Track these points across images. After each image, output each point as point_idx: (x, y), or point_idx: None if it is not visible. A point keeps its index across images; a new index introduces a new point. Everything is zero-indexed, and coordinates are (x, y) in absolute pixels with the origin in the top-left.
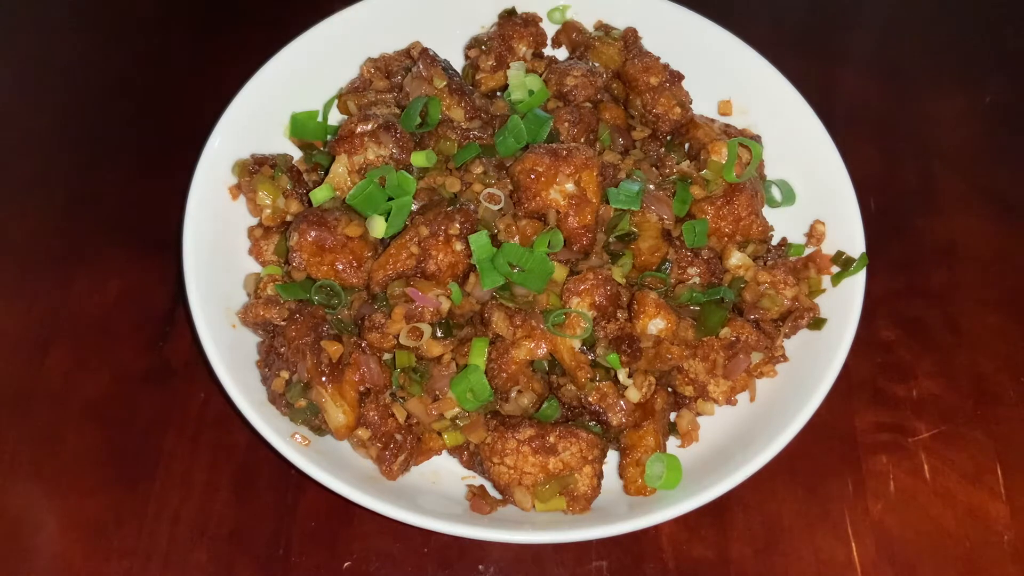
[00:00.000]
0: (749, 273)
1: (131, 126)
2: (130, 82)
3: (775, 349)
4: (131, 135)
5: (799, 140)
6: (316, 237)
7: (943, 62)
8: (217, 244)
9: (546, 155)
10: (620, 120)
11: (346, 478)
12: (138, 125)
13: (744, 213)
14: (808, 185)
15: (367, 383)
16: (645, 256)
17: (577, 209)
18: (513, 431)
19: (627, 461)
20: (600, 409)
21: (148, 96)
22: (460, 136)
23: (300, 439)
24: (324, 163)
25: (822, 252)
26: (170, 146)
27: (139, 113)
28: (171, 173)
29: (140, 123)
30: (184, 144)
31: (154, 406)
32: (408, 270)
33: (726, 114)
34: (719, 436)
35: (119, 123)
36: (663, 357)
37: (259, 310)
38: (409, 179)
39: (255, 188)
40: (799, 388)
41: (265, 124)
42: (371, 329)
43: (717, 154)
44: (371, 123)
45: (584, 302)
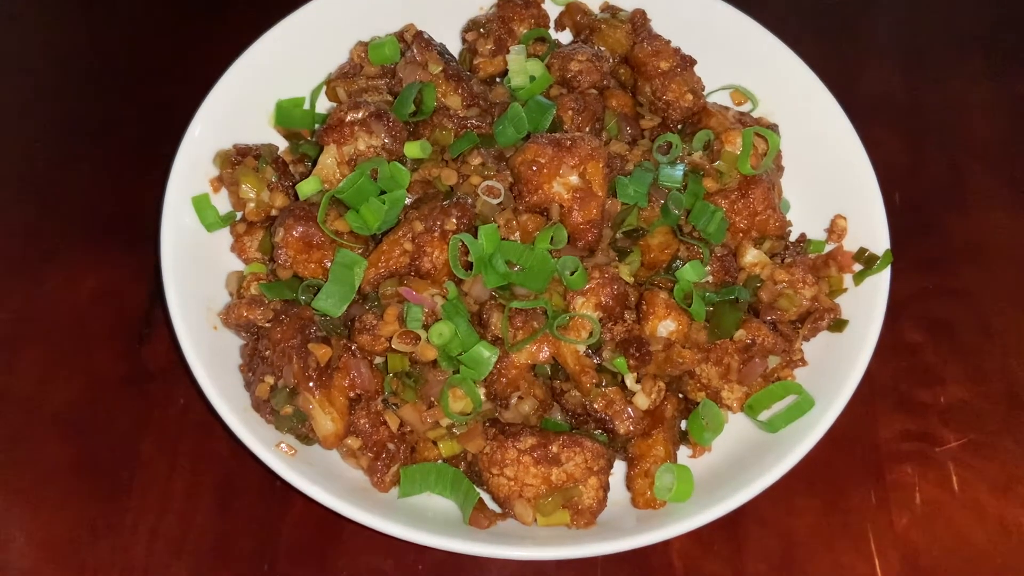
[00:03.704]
0: (765, 271)
1: (107, 114)
2: (106, 67)
3: (793, 352)
4: (107, 124)
5: (819, 130)
6: (303, 233)
7: (971, 48)
8: (197, 240)
9: (548, 145)
10: (628, 108)
11: (335, 490)
12: (114, 113)
13: (760, 207)
14: (829, 177)
15: (357, 389)
16: (654, 253)
17: (582, 203)
18: (513, 440)
19: (635, 472)
20: (606, 417)
21: (125, 82)
22: (457, 125)
23: (286, 448)
24: (311, 154)
25: (843, 249)
26: (148, 136)
27: (115, 101)
28: (149, 165)
29: (117, 111)
30: (163, 134)
31: (131, 413)
32: (401, 268)
33: (741, 102)
34: (733, 445)
35: (94, 111)
36: (674, 361)
37: (242, 311)
38: (402, 171)
39: (238, 180)
40: (819, 394)
41: (248, 112)
42: (362, 331)
43: (731, 144)
44: (362, 111)
45: (589, 303)
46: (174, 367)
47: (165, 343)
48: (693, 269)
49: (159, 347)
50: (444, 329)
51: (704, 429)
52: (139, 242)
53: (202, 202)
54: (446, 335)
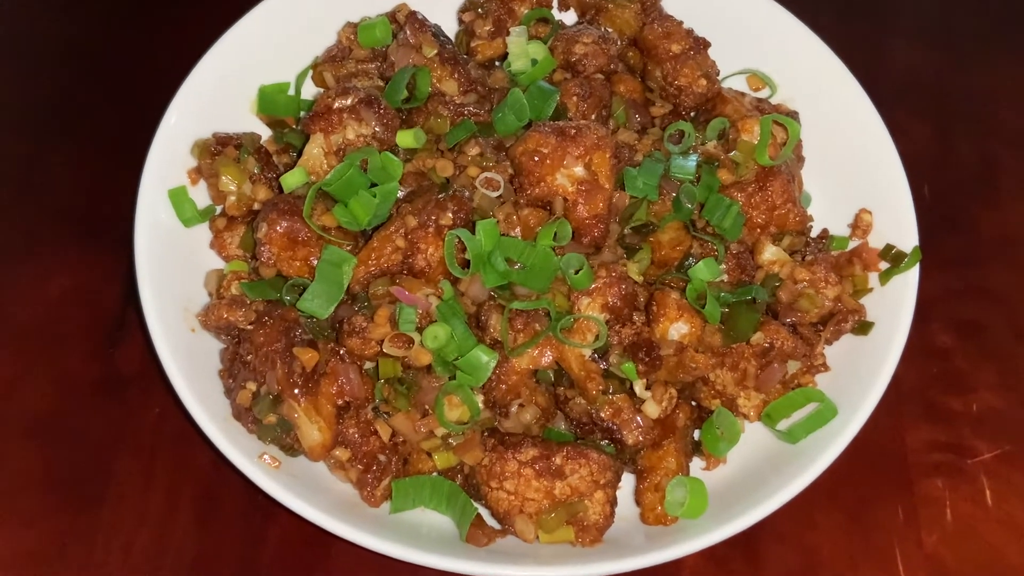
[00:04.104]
0: (785, 270)
1: (76, 102)
2: (74, 51)
3: (814, 357)
4: (78, 111)
5: (842, 117)
6: (287, 228)
7: (1006, 29)
8: (174, 237)
9: (552, 134)
10: (637, 94)
11: (322, 504)
12: (84, 101)
13: (779, 201)
14: (853, 169)
15: (346, 396)
16: (665, 250)
17: (587, 196)
18: (514, 451)
19: (645, 485)
20: (614, 426)
21: (95, 67)
22: (453, 112)
23: (269, 460)
24: (297, 143)
25: (868, 246)
26: (121, 124)
27: (85, 87)
28: (122, 155)
29: (86, 99)
30: (137, 122)
31: (103, 421)
32: (393, 266)
33: (758, 88)
34: (750, 457)
35: (64, 97)
36: (686, 366)
37: (222, 312)
38: (394, 162)
39: (217, 172)
40: (842, 402)
41: (229, 98)
42: (351, 334)
43: (748, 133)
44: (351, 97)
45: (595, 304)
46: (149, 372)
47: (140, 347)
48: (707, 267)
49: (133, 351)
50: (439, 332)
51: (719, 439)
52: (112, 239)
53: (179, 195)
54: (441, 338)
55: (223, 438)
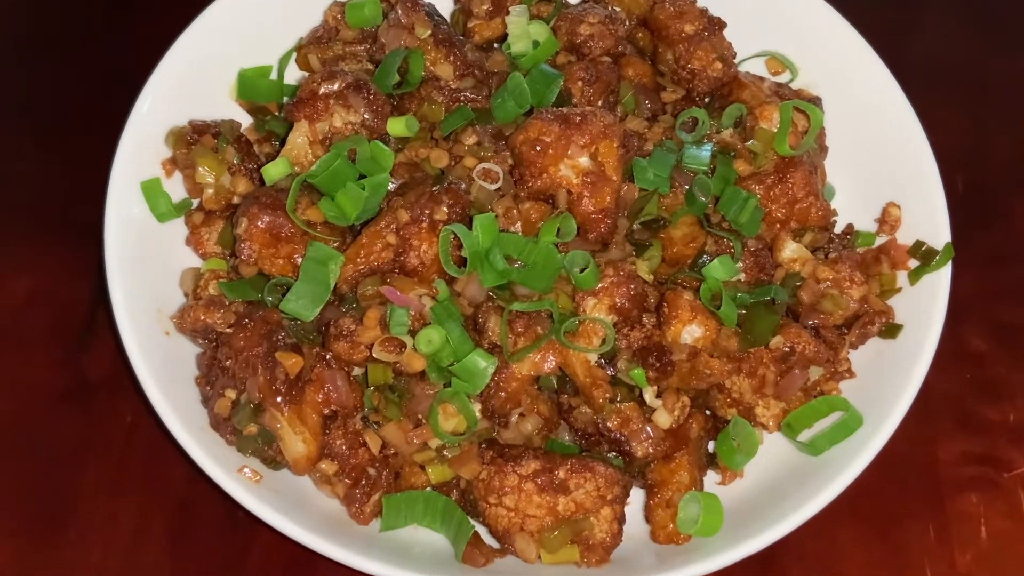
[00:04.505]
0: (807, 268)
1: (40, 86)
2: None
3: (839, 362)
4: (40, 98)
5: (869, 104)
6: (269, 223)
7: None
8: (147, 232)
9: (555, 122)
10: (646, 78)
11: (306, 522)
12: (49, 85)
13: (800, 194)
14: (880, 159)
15: (333, 405)
16: (678, 247)
17: (593, 189)
18: (514, 464)
19: (655, 501)
20: (622, 437)
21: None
22: (448, 98)
23: (250, 474)
24: (279, 132)
25: (897, 242)
26: (88, 111)
27: (50, 70)
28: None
29: (52, 83)
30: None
31: (70, 431)
32: (384, 264)
33: (778, 72)
34: (769, 470)
35: (28, 81)
36: (700, 372)
37: (199, 314)
38: (385, 152)
39: (194, 163)
40: (868, 411)
41: (206, 83)
42: (338, 337)
43: (767, 120)
44: (338, 82)
45: (602, 305)
46: (120, 379)
47: (109, 351)
48: (722, 265)
49: (102, 356)
50: (433, 335)
51: (735, 451)
52: (80, 235)
53: (152, 188)
54: (436, 342)
55: (199, 450)
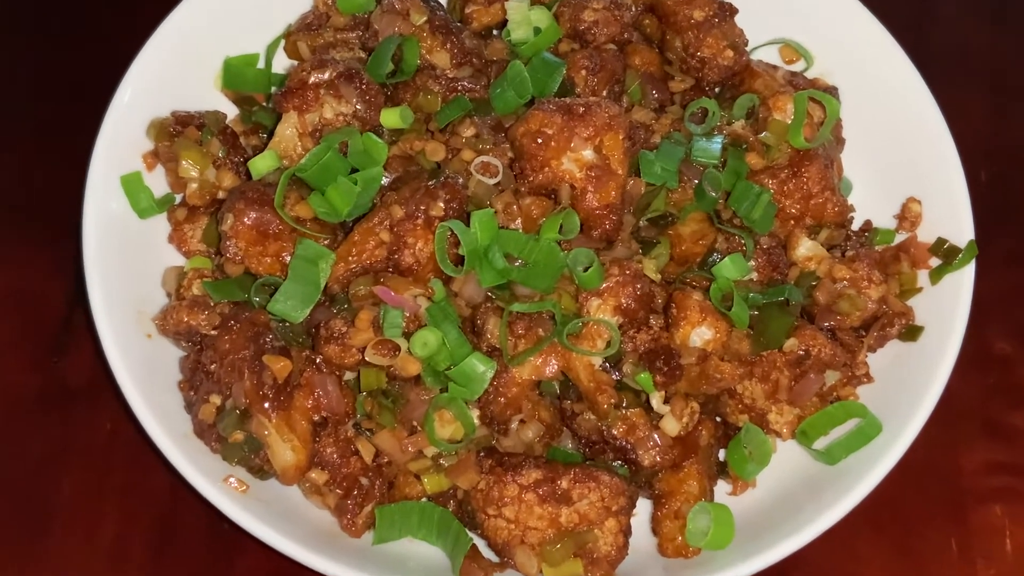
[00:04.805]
0: (822, 267)
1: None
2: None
3: (856, 366)
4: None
5: (887, 93)
6: (256, 220)
7: None
8: (127, 229)
9: (557, 113)
10: (654, 67)
11: (295, 534)
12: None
13: (816, 188)
14: (900, 152)
15: (323, 411)
16: (686, 245)
17: (597, 183)
18: (514, 474)
19: (663, 512)
20: (627, 444)
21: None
22: (445, 88)
23: (235, 484)
24: (267, 123)
25: (917, 240)
26: (66, 101)
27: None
28: (68, 137)
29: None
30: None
31: (47, 440)
32: (377, 263)
33: (792, 60)
34: (782, 479)
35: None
36: (710, 377)
37: (182, 315)
38: (378, 144)
39: (177, 156)
40: (887, 417)
41: (190, 72)
42: (329, 340)
43: (780, 111)
44: (328, 71)
45: (607, 306)
46: (99, 384)
47: (88, 355)
48: (734, 264)
49: (81, 360)
50: (429, 338)
51: (747, 460)
52: (57, 232)
53: (133, 182)
54: (432, 345)
55: (183, 458)
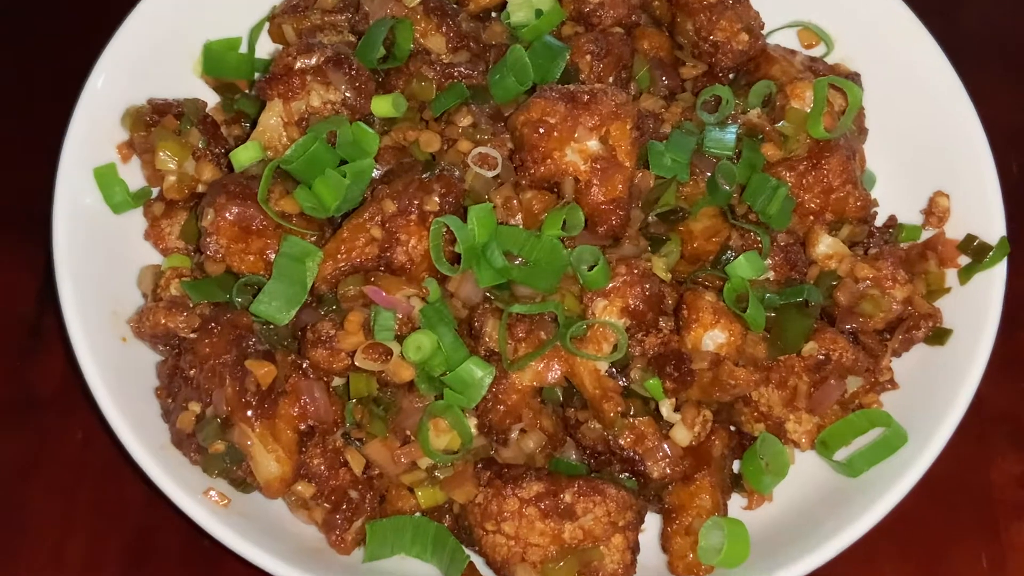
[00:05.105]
0: (844, 266)
1: None
2: None
3: (880, 372)
4: None
5: (913, 80)
6: (239, 215)
7: None
8: (101, 225)
9: (560, 101)
10: (664, 51)
11: (280, 551)
12: None
13: (837, 182)
14: (926, 142)
15: (310, 419)
16: (698, 242)
17: (603, 176)
18: (514, 486)
19: (673, 528)
20: (635, 455)
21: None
22: (440, 74)
23: (216, 497)
24: (250, 112)
25: (945, 236)
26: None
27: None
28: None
29: None
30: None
31: (14, 451)
32: (367, 261)
33: (811, 44)
34: (801, 493)
35: None
36: (723, 383)
37: (159, 317)
38: (369, 134)
39: (154, 147)
40: (913, 427)
41: (168, 57)
42: (316, 344)
43: (799, 99)
44: (316, 56)
45: (613, 307)
46: (70, 391)
47: (59, 359)
48: (749, 263)
49: (50, 365)
50: (423, 341)
51: (763, 472)
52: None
53: (107, 175)
54: (426, 349)
55: (160, 470)
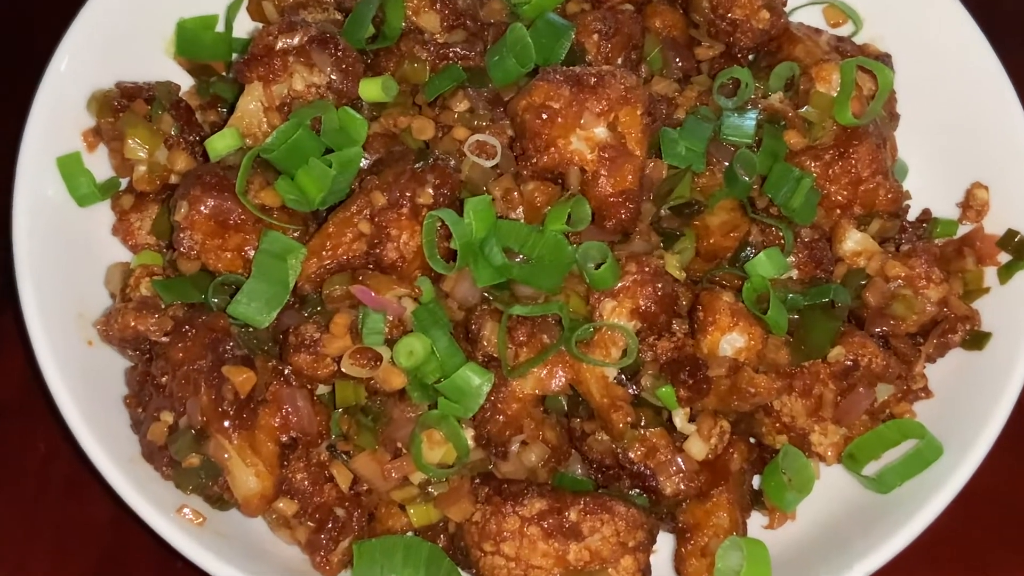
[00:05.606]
0: (873, 263)
1: None
2: None
3: (912, 379)
4: None
5: (949, 61)
6: (215, 208)
7: None
8: (65, 219)
9: (565, 84)
10: (677, 30)
11: (260, 572)
12: None
13: (866, 172)
14: (963, 130)
15: (292, 430)
16: (715, 238)
17: (612, 166)
18: (515, 504)
19: (688, 549)
20: (647, 470)
21: None
22: (434, 55)
23: (190, 515)
24: (227, 96)
25: (984, 232)
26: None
27: None
28: None
29: None
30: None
31: None
32: (355, 259)
33: (838, 23)
34: (826, 511)
35: None
36: (742, 391)
37: (129, 319)
38: (357, 120)
39: (123, 134)
40: (949, 439)
41: (137, 37)
42: (299, 348)
43: (825, 82)
44: (299, 35)
45: (623, 308)
46: (31, 399)
47: (18, 365)
48: (770, 260)
49: (10, 370)
50: (416, 345)
51: (786, 488)
52: None
53: (71, 165)
54: (419, 354)
55: (129, 486)
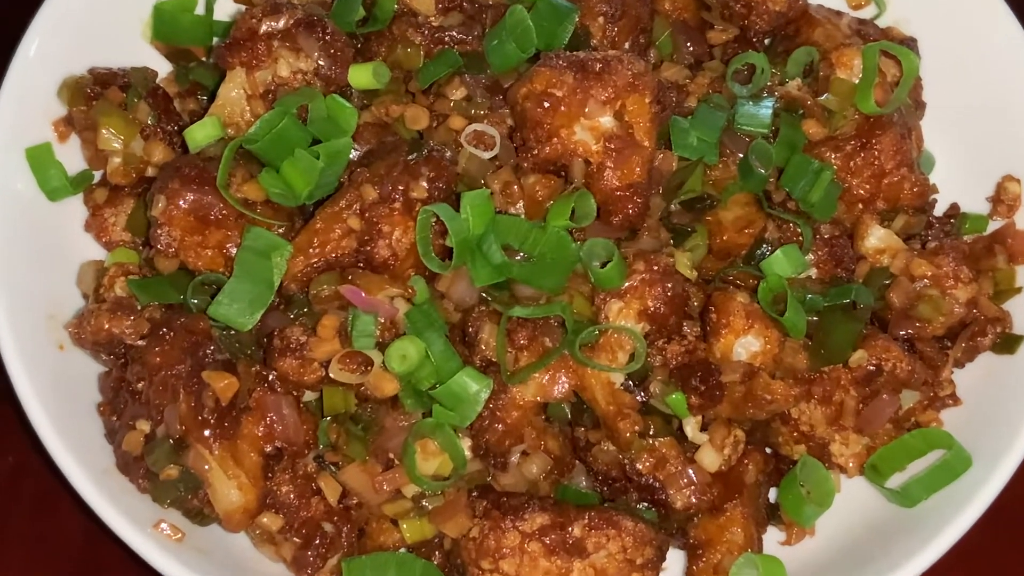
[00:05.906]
0: (898, 262)
1: None
2: None
3: (940, 386)
4: None
5: (977, 46)
6: (195, 203)
7: None
8: (34, 214)
9: (568, 70)
10: (689, 12)
11: None
12: None
13: (890, 165)
14: (992, 119)
15: (277, 440)
16: (729, 234)
17: (618, 158)
18: (515, 518)
19: (700, 567)
20: (655, 482)
21: None
22: (428, 39)
23: (169, 530)
24: (208, 83)
25: (1015, 228)
26: None
27: None
28: None
29: None
30: None
31: None
32: (344, 256)
33: (860, 5)
34: (847, 526)
35: None
36: (758, 398)
37: (102, 321)
38: (346, 109)
39: (96, 123)
40: (978, 449)
41: (111, 20)
42: (284, 352)
43: (846, 68)
44: (284, 18)
45: (630, 310)
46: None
47: None
48: (787, 258)
49: None
50: (409, 349)
51: (804, 502)
52: None
53: (41, 156)
54: (412, 358)
55: (103, 499)
